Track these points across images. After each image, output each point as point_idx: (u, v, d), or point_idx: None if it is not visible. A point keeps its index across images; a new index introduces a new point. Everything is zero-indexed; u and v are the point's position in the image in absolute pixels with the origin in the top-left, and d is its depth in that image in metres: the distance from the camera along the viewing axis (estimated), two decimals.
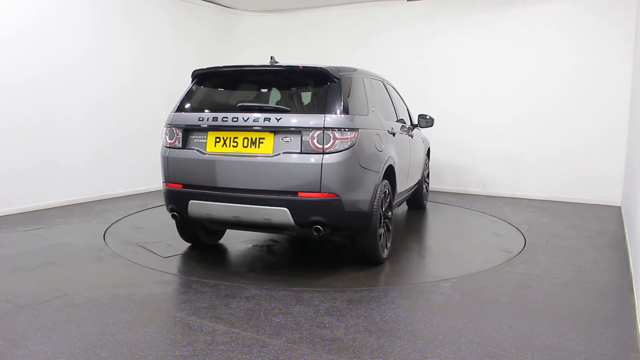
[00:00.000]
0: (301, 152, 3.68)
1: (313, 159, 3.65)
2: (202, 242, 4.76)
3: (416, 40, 8.38)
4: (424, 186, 6.77)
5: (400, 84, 5.97)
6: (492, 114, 7.87)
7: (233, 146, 3.87)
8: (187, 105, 4.20)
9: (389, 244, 4.43)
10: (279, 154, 3.73)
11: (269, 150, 3.76)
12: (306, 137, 3.67)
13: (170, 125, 4.14)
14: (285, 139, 3.74)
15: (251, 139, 3.83)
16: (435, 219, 6.41)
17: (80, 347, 2.70)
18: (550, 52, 7.41)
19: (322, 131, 3.66)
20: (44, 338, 2.81)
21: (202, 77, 4.31)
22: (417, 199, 6.57)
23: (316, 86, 3.93)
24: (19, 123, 6.05)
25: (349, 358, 2.63)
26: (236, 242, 5.01)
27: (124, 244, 4.86)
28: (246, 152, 3.82)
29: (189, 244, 4.82)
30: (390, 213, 4.44)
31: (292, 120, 3.75)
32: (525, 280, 3.96)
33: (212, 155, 3.92)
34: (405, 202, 6.62)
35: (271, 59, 4.20)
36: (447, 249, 4.98)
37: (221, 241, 5.03)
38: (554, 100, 7.44)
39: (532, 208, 6.96)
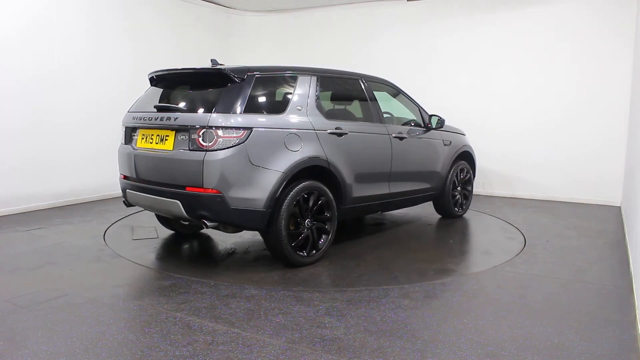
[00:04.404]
0: (189, 149, 3.90)
1: (197, 156, 3.83)
2: (179, 230, 5.21)
3: (416, 40, 8.37)
4: (457, 193, 6.19)
5: (400, 84, 5.92)
6: (492, 114, 7.87)
7: (149, 142, 4.24)
8: (134, 106, 4.64)
9: (322, 247, 4.32)
10: (176, 150, 3.99)
11: (170, 147, 4.04)
12: (193, 135, 3.87)
13: (122, 124, 4.63)
14: (181, 137, 3.98)
15: (160, 136, 4.15)
16: (434, 220, 6.41)
17: (80, 347, 2.70)
18: (551, 52, 7.40)
19: (206, 129, 3.81)
20: (44, 338, 2.81)
21: (152, 80, 4.64)
22: (443, 206, 6.13)
23: (220, 86, 4.09)
24: (18, 123, 6.05)
25: (349, 358, 2.63)
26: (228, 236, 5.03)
27: (123, 243, 4.87)
28: (157, 148, 4.16)
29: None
30: (327, 214, 4.35)
31: (185, 119, 3.98)
32: (525, 280, 3.96)
33: (137, 150, 4.34)
34: (435, 211, 6.29)
35: (212, 62, 4.42)
36: (442, 249, 4.99)
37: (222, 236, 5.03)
38: (553, 100, 7.44)
39: (532, 208, 6.96)
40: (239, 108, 3.93)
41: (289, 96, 4.33)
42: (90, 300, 3.39)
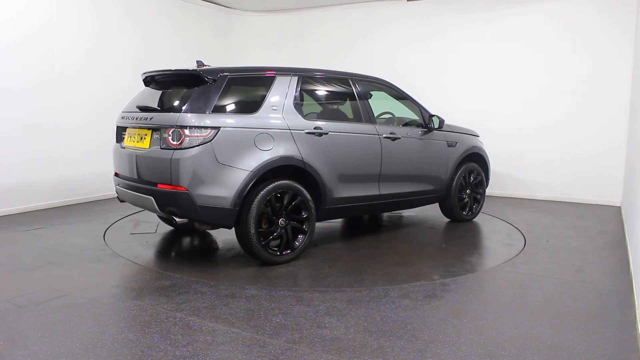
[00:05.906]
0: (161, 148, 4.04)
1: (167, 154, 3.97)
2: (177, 227, 5.24)
3: (416, 40, 8.37)
4: (466, 196, 5.96)
5: (400, 84, 5.90)
6: (492, 114, 7.86)
7: (133, 141, 4.40)
8: (126, 106, 4.72)
9: (298, 247, 4.32)
10: (151, 148, 4.15)
11: (147, 145, 4.20)
12: (164, 134, 4.02)
13: (115, 123, 4.79)
14: (156, 136, 4.14)
15: (140, 135, 4.31)
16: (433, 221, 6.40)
17: (80, 347, 2.70)
18: (550, 52, 7.40)
19: (174, 129, 3.94)
20: (44, 338, 2.81)
21: (145, 81, 4.74)
22: (448, 209, 5.93)
23: (194, 86, 4.18)
24: (18, 123, 6.05)
25: (349, 358, 2.63)
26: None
27: (123, 243, 4.87)
28: (137, 146, 4.31)
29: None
30: (305, 214, 4.35)
31: (158, 119, 4.14)
32: (525, 280, 3.96)
33: (123, 149, 4.53)
34: (442, 214, 6.09)
35: (197, 63, 4.50)
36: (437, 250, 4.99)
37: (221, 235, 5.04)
38: (554, 100, 7.43)
39: (532, 208, 6.96)
40: (207, 108, 4.03)
41: (264, 96, 4.34)
42: (90, 300, 3.39)
